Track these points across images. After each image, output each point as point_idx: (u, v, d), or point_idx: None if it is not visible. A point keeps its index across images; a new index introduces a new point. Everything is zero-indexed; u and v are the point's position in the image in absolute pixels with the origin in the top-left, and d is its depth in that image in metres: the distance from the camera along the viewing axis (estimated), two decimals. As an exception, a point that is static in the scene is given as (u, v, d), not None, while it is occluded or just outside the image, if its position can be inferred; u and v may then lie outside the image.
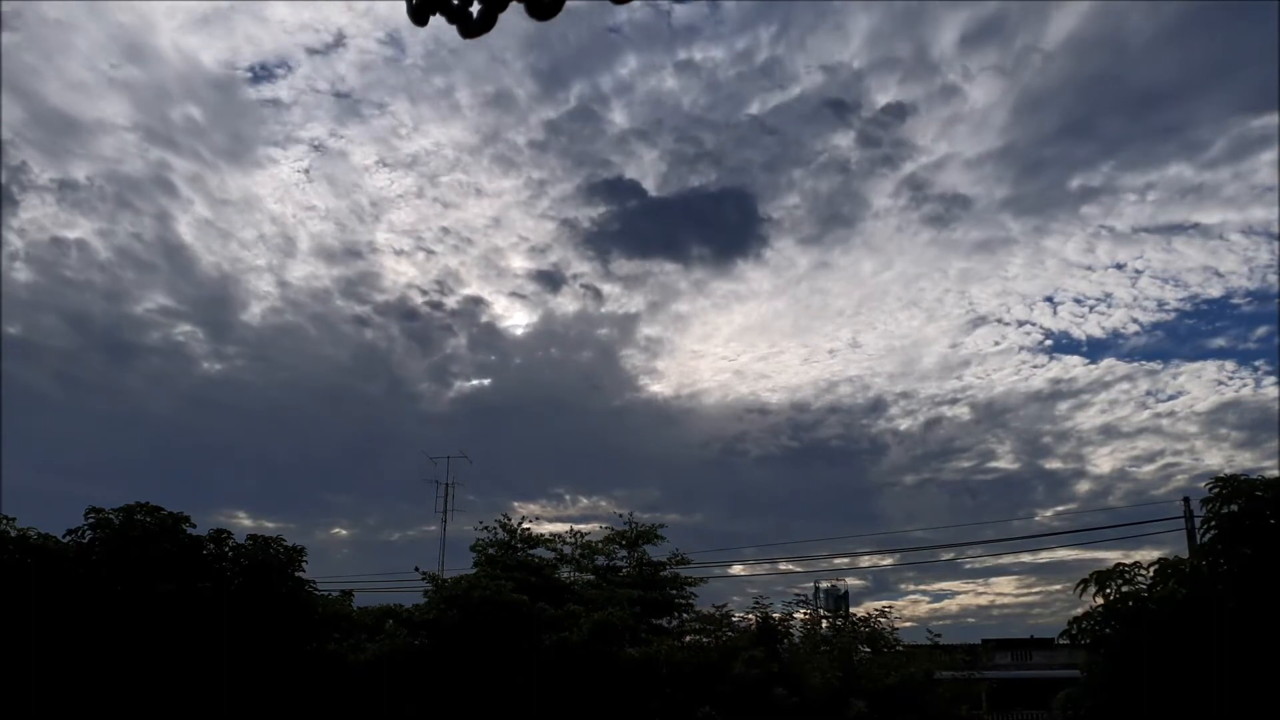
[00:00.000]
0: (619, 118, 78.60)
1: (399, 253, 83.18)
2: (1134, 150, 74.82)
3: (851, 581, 48.65)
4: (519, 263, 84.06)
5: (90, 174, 63.61)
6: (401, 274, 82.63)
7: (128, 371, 66.54)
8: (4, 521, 22.79)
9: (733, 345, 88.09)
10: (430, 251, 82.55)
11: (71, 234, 64.73)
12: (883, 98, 73.02)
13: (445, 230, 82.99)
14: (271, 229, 77.84)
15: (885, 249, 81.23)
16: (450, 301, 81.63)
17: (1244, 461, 73.96)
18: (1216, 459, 71.09)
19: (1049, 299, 79.89)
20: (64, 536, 23.11)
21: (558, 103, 79.01)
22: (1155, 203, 74.18)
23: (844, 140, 76.52)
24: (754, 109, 79.55)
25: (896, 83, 73.19)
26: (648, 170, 79.97)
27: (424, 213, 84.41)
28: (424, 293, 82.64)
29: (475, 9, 3.40)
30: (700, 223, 77.65)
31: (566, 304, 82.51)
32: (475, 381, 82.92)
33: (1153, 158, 74.29)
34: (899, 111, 70.29)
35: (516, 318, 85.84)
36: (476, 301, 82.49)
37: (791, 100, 75.98)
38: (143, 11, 64.32)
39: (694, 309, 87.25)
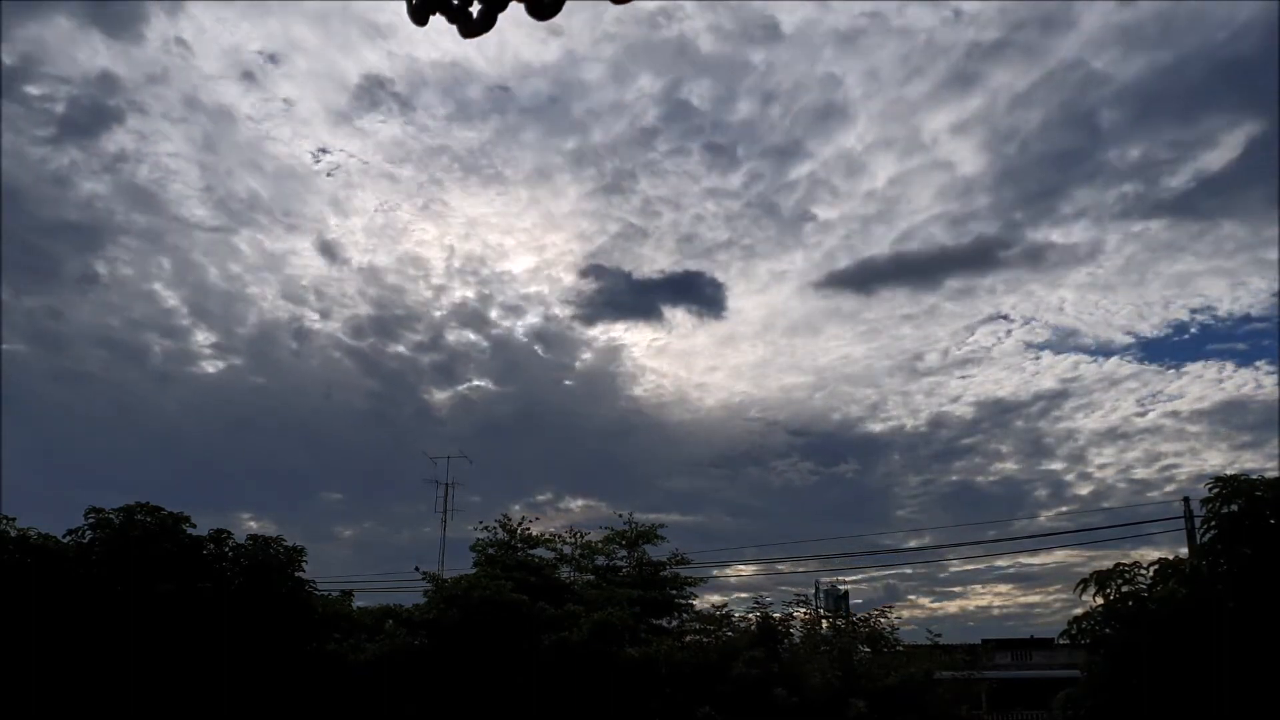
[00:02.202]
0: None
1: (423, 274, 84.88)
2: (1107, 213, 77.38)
3: (853, 585, 48.67)
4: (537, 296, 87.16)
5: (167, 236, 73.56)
6: (428, 304, 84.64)
7: (170, 398, 73.43)
8: (4, 521, 22.81)
9: (733, 346, 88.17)
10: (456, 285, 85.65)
11: (145, 285, 73.53)
12: (884, 172, 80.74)
13: (473, 273, 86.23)
14: (322, 278, 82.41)
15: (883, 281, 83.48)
16: (468, 322, 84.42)
17: (1245, 462, 73.95)
18: (1218, 460, 71.09)
19: (1052, 297, 79.91)
20: (64, 536, 23.13)
21: (592, 179, 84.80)
22: (1159, 199, 74.35)
23: (843, 206, 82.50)
24: (765, 180, 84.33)
25: (894, 159, 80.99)
26: (662, 244, 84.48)
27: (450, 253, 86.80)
28: (445, 317, 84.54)
29: (475, 9, 3.40)
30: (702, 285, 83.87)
31: (571, 322, 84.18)
32: (478, 384, 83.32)
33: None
34: (899, 181, 79.31)
35: (523, 330, 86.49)
36: (487, 320, 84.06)
37: (802, 175, 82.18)
38: (223, 105, 74.48)
39: (696, 316, 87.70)
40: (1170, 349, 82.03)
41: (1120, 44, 70.93)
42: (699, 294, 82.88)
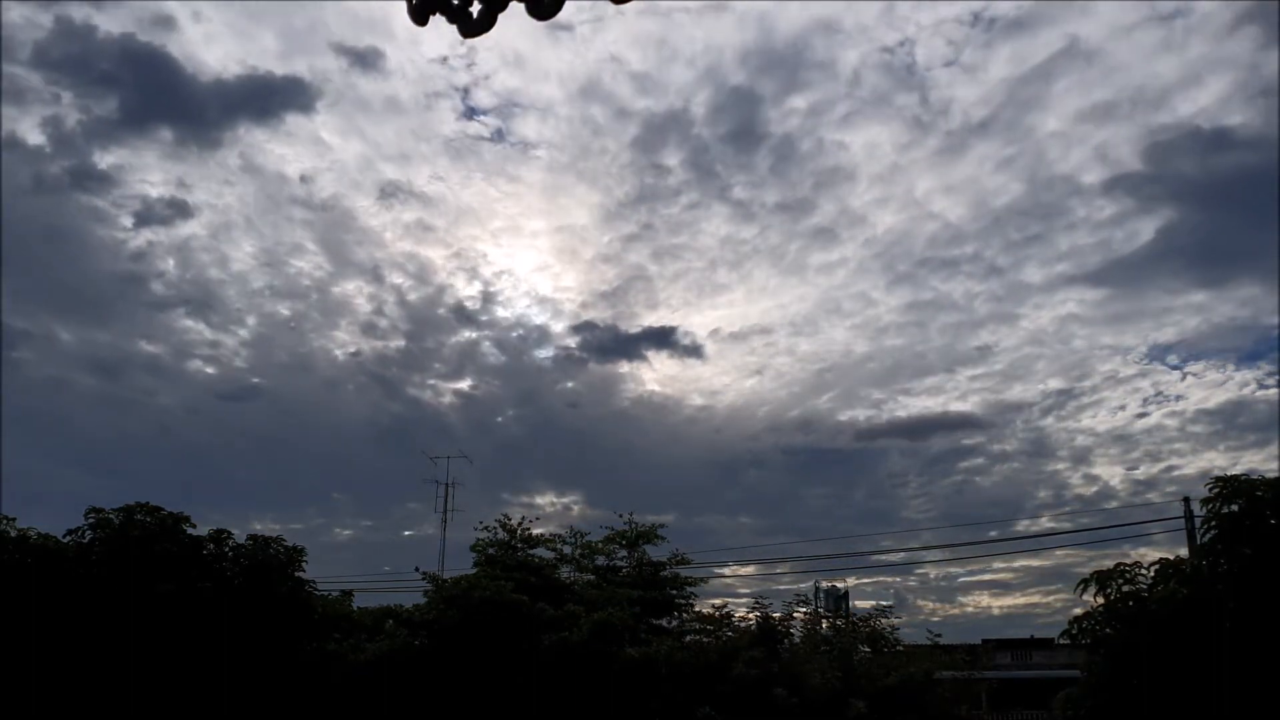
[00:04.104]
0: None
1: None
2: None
3: (854, 585, 48.61)
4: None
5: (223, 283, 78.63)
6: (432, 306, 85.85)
7: (173, 398, 77.81)
8: (4, 521, 22.81)
9: (734, 346, 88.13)
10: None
11: (194, 325, 78.44)
12: (883, 220, 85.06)
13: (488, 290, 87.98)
14: (323, 279, 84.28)
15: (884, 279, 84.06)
16: (471, 327, 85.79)
17: (1246, 463, 73.94)
18: (1219, 460, 71.15)
19: (1055, 297, 79.83)
20: (64, 536, 23.12)
21: (610, 228, 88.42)
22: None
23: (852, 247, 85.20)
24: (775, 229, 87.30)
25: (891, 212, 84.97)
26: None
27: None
28: (448, 319, 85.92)
29: (475, 9, 3.39)
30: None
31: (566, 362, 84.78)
32: (475, 385, 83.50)
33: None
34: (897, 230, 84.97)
35: (525, 339, 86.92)
36: (489, 325, 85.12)
37: (809, 227, 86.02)
38: (279, 169, 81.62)
39: (695, 315, 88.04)
40: (1172, 350, 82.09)
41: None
42: (677, 345, 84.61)
